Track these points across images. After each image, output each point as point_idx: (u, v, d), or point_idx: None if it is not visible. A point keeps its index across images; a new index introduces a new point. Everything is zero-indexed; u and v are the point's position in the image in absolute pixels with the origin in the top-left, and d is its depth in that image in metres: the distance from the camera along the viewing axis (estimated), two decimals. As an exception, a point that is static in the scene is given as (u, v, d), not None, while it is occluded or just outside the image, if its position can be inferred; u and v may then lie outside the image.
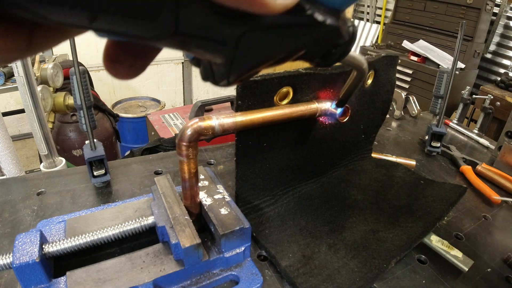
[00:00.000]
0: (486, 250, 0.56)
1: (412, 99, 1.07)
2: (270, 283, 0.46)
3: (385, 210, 0.58)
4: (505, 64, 2.59)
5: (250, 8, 0.13)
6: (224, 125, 0.42)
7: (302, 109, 0.49)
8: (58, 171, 0.65)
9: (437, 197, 0.61)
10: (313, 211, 0.57)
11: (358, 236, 0.52)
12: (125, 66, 0.17)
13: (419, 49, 2.54)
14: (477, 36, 2.43)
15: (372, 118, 0.68)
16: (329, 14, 0.16)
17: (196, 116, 1.18)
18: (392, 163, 0.74)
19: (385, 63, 0.63)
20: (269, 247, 0.49)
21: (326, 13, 0.16)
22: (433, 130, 0.83)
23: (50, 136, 0.92)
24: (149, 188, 0.61)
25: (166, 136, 1.32)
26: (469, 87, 1.10)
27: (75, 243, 0.40)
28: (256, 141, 0.50)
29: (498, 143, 0.88)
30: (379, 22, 3.31)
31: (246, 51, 0.17)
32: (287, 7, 0.14)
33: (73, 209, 0.55)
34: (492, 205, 0.69)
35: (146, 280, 0.39)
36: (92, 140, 0.58)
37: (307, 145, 0.58)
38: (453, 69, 0.77)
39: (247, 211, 0.53)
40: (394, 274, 0.49)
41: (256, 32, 0.16)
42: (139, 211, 0.49)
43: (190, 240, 0.40)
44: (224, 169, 0.70)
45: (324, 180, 0.65)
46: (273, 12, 0.14)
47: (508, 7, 2.48)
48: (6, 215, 0.53)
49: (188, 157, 0.41)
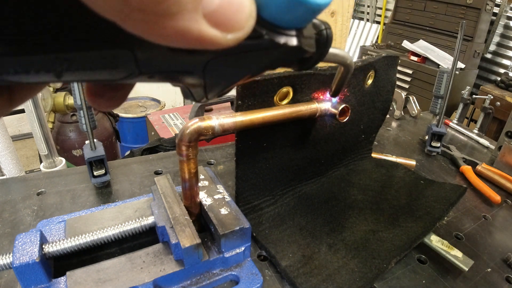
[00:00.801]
0: (486, 250, 0.56)
1: (412, 99, 1.07)
2: (270, 283, 0.46)
3: (385, 210, 0.58)
4: (505, 64, 2.59)
5: (202, 47, 0.13)
6: (224, 125, 0.42)
7: (302, 109, 0.49)
8: (58, 171, 0.65)
9: (437, 197, 0.61)
10: (313, 211, 0.57)
11: (358, 236, 0.52)
12: (106, 99, 0.18)
13: (419, 49, 2.54)
14: (477, 36, 2.43)
15: (372, 118, 0.68)
16: (289, 35, 0.16)
17: (196, 116, 1.18)
18: (392, 163, 0.74)
19: (385, 63, 0.63)
20: (269, 247, 0.49)
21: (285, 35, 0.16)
22: (433, 130, 0.84)
23: (50, 136, 0.92)
24: (149, 188, 0.61)
25: (166, 136, 1.32)
26: (469, 87, 1.10)
27: (75, 243, 0.40)
28: (256, 141, 0.50)
29: (498, 143, 0.88)
30: (379, 22, 3.31)
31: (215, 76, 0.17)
32: (239, 40, 0.14)
33: (73, 209, 0.55)
34: (492, 205, 0.69)
35: (146, 280, 0.39)
36: (92, 140, 0.58)
37: (307, 145, 0.58)
38: (453, 69, 0.77)
39: (247, 211, 0.53)
40: (394, 274, 0.49)
41: (219, 59, 0.16)
42: (139, 211, 0.49)
43: (190, 240, 0.40)
44: (224, 169, 0.70)
45: (324, 180, 0.65)
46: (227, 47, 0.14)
47: (508, 7, 2.48)
48: (6, 215, 0.53)
49: (188, 157, 0.41)
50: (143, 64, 0.15)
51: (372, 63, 0.59)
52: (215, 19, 0.13)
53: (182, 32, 0.12)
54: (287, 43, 0.16)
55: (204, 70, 0.16)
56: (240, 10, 0.13)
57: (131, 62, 0.14)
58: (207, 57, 0.16)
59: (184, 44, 0.13)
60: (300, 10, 0.15)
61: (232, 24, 0.13)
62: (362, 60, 0.58)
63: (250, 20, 0.14)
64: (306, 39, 0.18)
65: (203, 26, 0.13)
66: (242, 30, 0.14)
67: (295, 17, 0.16)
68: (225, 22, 0.13)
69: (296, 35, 0.17)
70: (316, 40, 0.18)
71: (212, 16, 0.13)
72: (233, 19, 0.13)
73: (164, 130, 1.43)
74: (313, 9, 0.15)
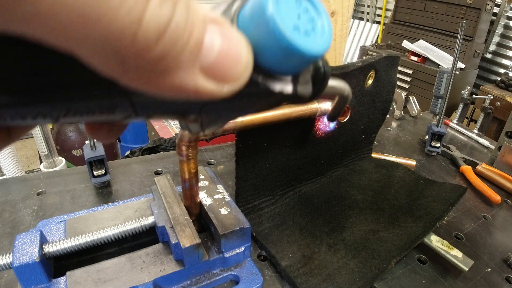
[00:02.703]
0: (486, 250, 0.56)
1: (412, 99, 1.07)
2: (270, 283, 0.46)
3: (385, 210, 0.58)
4: (505, 64, 2.59)
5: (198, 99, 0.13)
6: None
7: (302, 109, 0.49)
8: (58, 171, 0.65)
9: (437, 197, 0.61)
10: (313, 211, 0.57)
11: (358, 236, 0.52)
12: (104, 132, 0.18)
13: (419, 49, 2.54)
14: (477, 36, 2.43)
15: (372, 118, 0.68)
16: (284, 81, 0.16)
17: (196, 116, 1.18)
18: (392, 163, 0.74)
19: (386, 64, 0.63)
20: (269, 247, 0.49)
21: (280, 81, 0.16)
22: (433, 130, 0.84)
23: (50, 136, 0.92)
24: (149, 188, 0.61)
25: (166, 136, 1.32)
26: (469, 87, 1.10)
27: (75, 243, 0.40)
28: (256, 141, 0.50)
29: (498, 143, 0.88)
30: (379, 22, 3.31)
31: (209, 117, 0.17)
32: (235, 90, 0.14)
33: (73, 209, 0.55)
34: (492, 205, 0.69)
35: (146, 280, 0.39)
36: (92, 140, 0.58)
37: (307, 145, 0.58)
38: (453, 69, 0.77)
39: (247, 211, 0.53)
40: (394, 274, 0.49)
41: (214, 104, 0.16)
42: (139, 211, 0.49)
43: (190, 240, 0.40)
44: (224, 169, 0.70)
45: (324, 180, 0.65)
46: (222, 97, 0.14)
47: (508, 7, 2.48)
48: (6, 215, 0.53)
49: (188, 157, 0.41)
50: (140, 108, 0.15)
51: (372, 64, 0.59)
52: (212, 72, 0.13)
53: (178, 87, 0.12)
54: (283, 91, 0.16)
55: (200, 111, 0.16)
56: (237, 62, 0.13)
57: (128, 108, 0.14)
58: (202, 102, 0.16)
59: (180, 96, 0.13)
60: (296, 59, 0.15)
61: (228, 76, 0.13)
62: (363, 61, 0.58)
63: (246, 71, 0.14)
64: (301, 85, 0.17)
65: (199, 80, 0.13)
66: (238, 80, 0.14)
67: (290, 65, 0.15)
68: (221, 75, 0.13)
69: (291, 80, 0.17)
70: (313, 77, 0.18)
71: (209, 69, 0.13)
72: (230, 71, 0.13)
73: (164, 130, 1.43)
74: (308, 59, 0.15)
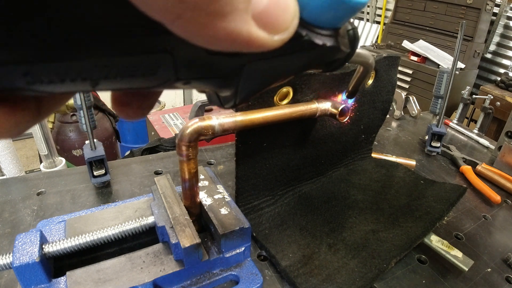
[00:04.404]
0: (486, 250, 0.56)
1: (412, 99, 1.07)
2: (270, 283, 0.46)
3: (385, 210, 0.58)
4: (505, 64, 2.59)
5: (248, 50, 0.13)
6: (224, 125, 0.42)
7: (302, 109, 0.49)
8: (58, 171, 0.65)
9: (437, 197, 0.61)
10: (313, 211, 0.57)
11: (358, 236, 0.52)
12: (134, 108, 0.18)
13: (419, 49, 2.54)
14: (477, 36, 2.43)
15: (372, 118, 0.68)
16: (327, 35, 0.16)
17: (196, 116, 1.18)
18: (392, 163, 0.74)
19: (386, 64, 0.63)
20: (269, 247, 0.49)
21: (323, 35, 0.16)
22: (433, 130, 0.83)
23: (50, 136, 0.92)
24: (149, 188, 0.61)
25: (166, 136, 1.32)
26: (469, 87, 1.10)
27: (75, 243, 0.40)
28: (256, 141, 0.50)
29: (498, 143, 0.88)
30: (379, 22, 3.31)
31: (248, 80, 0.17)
32: (284, 41, 0.14)
33: (73, 209, 0.55)
34: (492, 205, 0.69)
35: (146, 280, 0.39)
36: (92, 140, 0.58)
37: (307, 145, 0.58)
38: (453, 69, 0.77)
39: (247, 211, 0.53)
40: (394, 274, 0.49)
41: (256, 63, 0.16)
42: (139, 211, 0.49)
43: (190, 240, 0.40)
44: (224, 169, 0.70)
45: (324, 180, 0.65)
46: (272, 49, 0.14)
47: (508, 7, 2.48)
48: (6, 215, 0.53)
49: (188, 157, 0.41)
50: (181, 70, 0.14)
51: (372, 63, 0.59)
52: (263, 20, 0.13)
53: (232, 34, 0.12)
54: (326, 43, 0.16)
55: (239, 74, 0.16)
56: (286, 11, 0.13)
57: (170, 68, 0.14)
58: (244, 61, 0.15)
59: (231, 46, 0.13)
60: (341, 9, 0.15)
61: (278, 25, 0.13)
62: (362, 60, 0.58)
63: (295, 20, 0.14)
64: (342, 39, 0.17)
65: (252, 28, 0.12)
66: (287, 30, 0.14)
67: (334, 16, 0.15)
68: (272, 23, 0.13)
69: (333, 35, 0.16)
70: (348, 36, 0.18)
71: (260, 17, 0.12)
72: (280, 20, 0.13)
73: (164, 130, 1.43)
74: (353, 8, 0.15)
